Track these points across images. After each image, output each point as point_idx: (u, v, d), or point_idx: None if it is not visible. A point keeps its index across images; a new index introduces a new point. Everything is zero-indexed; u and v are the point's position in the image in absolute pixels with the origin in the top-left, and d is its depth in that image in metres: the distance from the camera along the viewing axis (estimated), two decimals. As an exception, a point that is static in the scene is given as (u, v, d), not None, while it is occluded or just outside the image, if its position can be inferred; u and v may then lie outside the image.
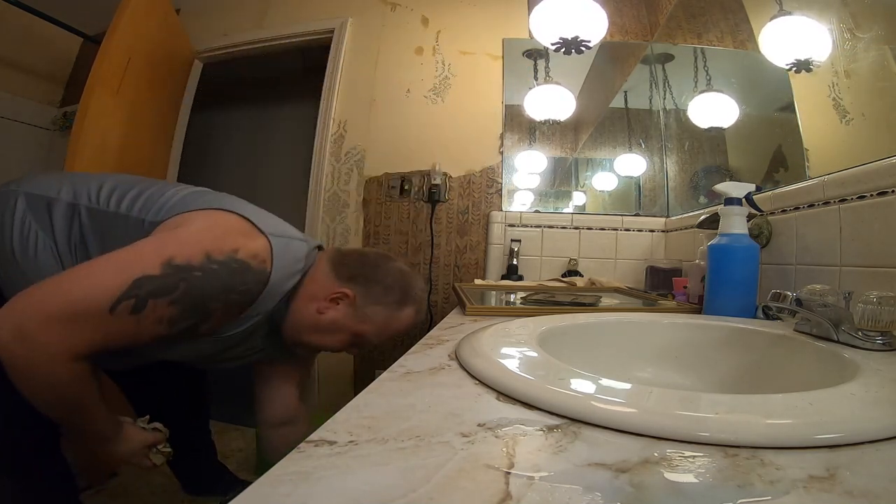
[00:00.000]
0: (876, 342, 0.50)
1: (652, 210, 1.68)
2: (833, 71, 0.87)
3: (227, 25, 2.07)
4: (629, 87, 1.79)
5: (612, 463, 0.25)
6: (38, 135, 2.32)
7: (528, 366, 0.42)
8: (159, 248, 0.68)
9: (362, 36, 1.87)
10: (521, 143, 1.77)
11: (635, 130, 1.78)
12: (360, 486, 0.23)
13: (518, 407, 0.34)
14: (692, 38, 1.47)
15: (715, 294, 0.78)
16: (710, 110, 1.36)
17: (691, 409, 0.31)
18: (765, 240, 0.90)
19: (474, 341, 0.49)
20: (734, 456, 0.26)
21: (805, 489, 0.23)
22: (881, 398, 0.34)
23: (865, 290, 0.53)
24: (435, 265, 1.74)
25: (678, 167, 1.60)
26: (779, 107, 1.08)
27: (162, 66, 1.87)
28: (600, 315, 0.73)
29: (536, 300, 1.00)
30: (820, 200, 0.78)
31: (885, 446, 0.28)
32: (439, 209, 1.75)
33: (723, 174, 1.34)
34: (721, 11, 1.30)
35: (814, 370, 0.52)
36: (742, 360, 0.61)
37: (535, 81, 1.73)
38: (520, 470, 0.24)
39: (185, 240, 0.70)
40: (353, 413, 0.32)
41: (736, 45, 1.26)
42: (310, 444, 0.27)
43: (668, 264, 1.32)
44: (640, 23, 1.79)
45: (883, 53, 0.77)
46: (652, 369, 0.64)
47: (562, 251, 1.62)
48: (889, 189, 0.65)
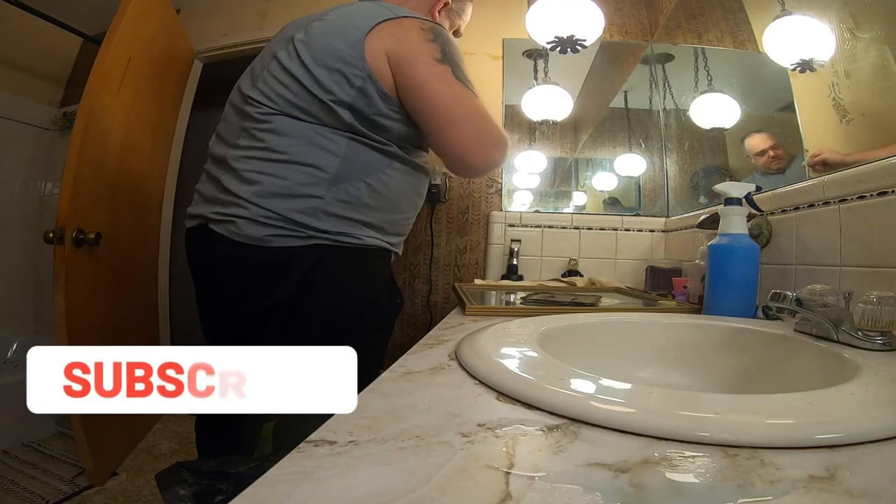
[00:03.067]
0: (876, 342, 0.50)
1: (652, 210, 1.68)
2: (833, 71, 0.87)
3: (227, 25, 2.07)
4: (629, 87, 1.79)
5: (612, 463, 0.25)
6: (38, 135, 2.32)
7: (528, 366, 0.42)
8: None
9: (362, 36, 1.87)
10: (521, 143, 1.77)
11: (635, 130, 1.78)
12: (360, 486, 0.23)
13: (518, 407, 0.34)
14: (692, 38, 1.47)
15: (715, 294, 0.78)
16: (713, 111, 1.36)
17: (691, 409, 0.31)
18: (765, 240, 0.90)
19: (474, 341, 0.49)
20: (734, 456, 0.26)
21: (805, 489, 0.23)
22: (881, 398, 0.34)
23: (865, 290, 0.53)
24: (435, 265, 1.74)
25: (678, 167, 1.60)
26: (779, 107, 1.08)
27: (162, 66, 1.87)
28: (600, 315, 0.73)
29: (536, 300, 1.00)
30: (820, 200, 0.78)
31: (885, 446, 0.28)
32: (439, 209, 1.75)
33: (723, 174, 1.34)
34: (721, 11, 1.30)
35: (814, 370, 0.52)
36: (742, 360, 0.61)
37: (535, 81, 1.73)
38: (520, 470, 0.24)
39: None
40: (353, 413, 0.32)
41: (736, 45, 1.26)
42: (310, 444, 0.27)
43: (668, 264, 1.32)
44: (640, 23, 1.79)
45: (883, 53, 0.77)
46: (652, 369, 0.64)
47: (562, 251, 1.62)
48: (889, 189, 0.65)
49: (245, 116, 0.85)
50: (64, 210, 1.39)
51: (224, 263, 0.85)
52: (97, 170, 1.54)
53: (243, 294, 0.85)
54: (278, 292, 0.82)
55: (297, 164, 0.81)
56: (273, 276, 0.82)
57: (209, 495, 0.79)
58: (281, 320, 0.83)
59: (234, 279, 0.85)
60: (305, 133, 0.82)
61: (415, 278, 1.75)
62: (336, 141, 0.82)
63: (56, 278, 1.37)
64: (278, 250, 0.80)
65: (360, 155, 0.84)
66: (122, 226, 1.71)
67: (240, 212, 0.80)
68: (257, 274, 0.83)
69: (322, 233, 0.81)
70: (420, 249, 1.75)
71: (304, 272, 0.82)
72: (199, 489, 0.80)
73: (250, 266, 0.82)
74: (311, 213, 0.80)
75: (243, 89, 0.89)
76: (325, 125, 0.82)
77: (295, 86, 0.82)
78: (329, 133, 0.82)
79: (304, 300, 0.83)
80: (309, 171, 0.81)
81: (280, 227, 0.80)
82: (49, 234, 1.37)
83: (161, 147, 2.02)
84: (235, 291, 0.86)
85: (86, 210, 1.47)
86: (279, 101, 0.83)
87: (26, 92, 2.26)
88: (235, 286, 0.86)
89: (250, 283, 0.84)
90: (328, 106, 0.81)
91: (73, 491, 1.42)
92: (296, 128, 0.82)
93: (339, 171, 0.82)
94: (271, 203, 0.80)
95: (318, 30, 0.84)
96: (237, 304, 0.87)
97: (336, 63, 0.81)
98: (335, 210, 0.82)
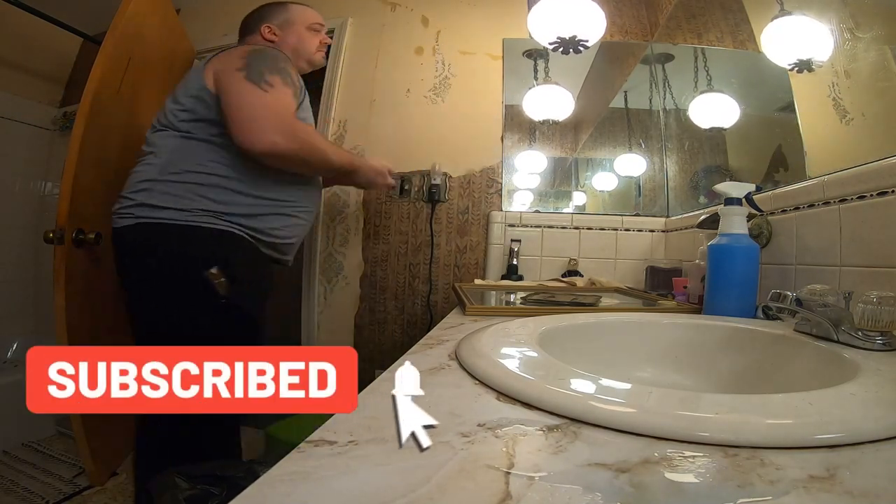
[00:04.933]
0: (876, 342, 0.50)
1: (652, 210, 1.68)
2: (833, 71, 0.87)
3: (227, 25, 2.06)
4: (629, 87, 1.79)
5: (612, 463, 0.25)
6: (39, 135, 2.32)
7: (528, 366, 0.42)
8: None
9: (362, 36, 1.87)
10: (521, 142, 1.77)
11: (635, 130, 1.78)
12: (360, 486, 0.23)
13: (518, 407, 0.34)
14: (692, 38, 1.47)
15: (715, 294, 0.78)
16: (712, 110, 1.36)
17: (691, 409, 0.31)
18: (765, 240, 0.90)
19: (474, 341, 0.49)
20: (734, 456, 0.26)
21: (805, 489, 0.23)
22: (881, 398, 0.34)
23: (865, 290, 0.53)
24: (435, 265, 1.74)
25: (678, 167, 1.60)
26: (779, 107, 1.08)
27: (162, 66, 1.87)
28: (600, 315, 0.73)
29: (537, 300, 1.00)
30: (820, 200, 0.78)
31: (885, 446, 0.28)
32: (439, 209, 1.75)
33: (723, 174, 1.34)
34: (721, 11, 1.30)
35: (814, 370, 0.52)
36: (742, 360, 0.61)
37: (536, 81, 1.73)
38: (520, 470, 0.24)
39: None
40: (353, 413, 0.32)
41: (736, 45, 1.26)
42: (310, 444, 0.27)
43: (668, 264, 1.32)
44: (640, 23, 1.79)
45: (883, 53, 0.77)
46: (652, 369, 0.64)
47: (562, 251, 1.62)
48: (889, 189, 0.65)
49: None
50: (64, 210, 1.39)
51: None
52: (97, 170, 1.54)
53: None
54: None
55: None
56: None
57: (203, 500, 0.80)
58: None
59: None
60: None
61: (415, 278, 1.75)
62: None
63: (56, 278, 1.37)
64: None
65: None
66: (122, 226, 1.71)
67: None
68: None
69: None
70: (420, 249, 1.75)
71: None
72: (193, 494, 0.80)
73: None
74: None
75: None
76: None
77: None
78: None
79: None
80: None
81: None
82: (49, 234, 1.37)
83: (161, 147, 2.01)
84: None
85: (86, 210, 1.47)
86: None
87: (26, 92, 2.26)
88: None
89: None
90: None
91: (73, 491, 1.42)
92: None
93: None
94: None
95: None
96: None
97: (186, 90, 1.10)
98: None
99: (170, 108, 1.10)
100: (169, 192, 1.03)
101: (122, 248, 1.09)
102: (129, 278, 1.10)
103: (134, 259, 1.07)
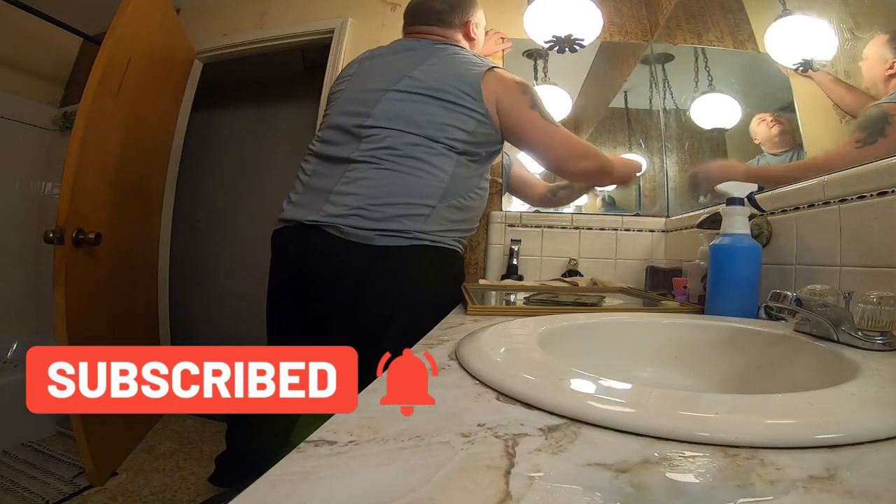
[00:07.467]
0: (876, 342, 0.50)
1: (652, 210, 1.68)
2: (833, 71, 0.87)
3: (227, 25, 2.07)
4: (629, 87, 1.79)
5: (612, 463, 0.25)
6: (38, 135, 2.32)
7: (528, 366, 0.42)
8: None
9: (362, 36, 1.87)
10: (521, 143, 1.77)
11: (635, 130, 1.78)
12: (360, 486, 0.23)
13: (518, 407, 0.34)
14: (692, 38, 1.47)
15: (717, 294, 0.78)
16: (713, 111, 1.36)
17: (691, 409, 0.31)
18: (765, 240, 0.90)
19: (474, 341, 0.49)
20: (734, 456, 0.26)
21: (805, 489, 0.23)
22: (881, 398, 0.34)
23: (865, 290, 0.53)
24: (435, 265, 1.73)
25: (678, 167, 1.60)
26: (779, 107, 1.08)
27: (162, 66, 1.87)
28: (601, 315, 0.72)
29: (539, 300, 1.00)
30: (820, 200, 0.78)
31: (885, 446, 0.28)
32: (439, 209, 1.75)
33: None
34: (721, 11, 1.30)
35: (814, 370, 0.52)
36: (742, 360, 0.61)
37: (535, 81, 1.73)
38: (520, 470, 0.24)
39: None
40: (353, 413, 0.32)
41: (736, 45, 1.26)
42: (310, 444, 0.27)
43: (668, 264, 1.32)
44: (640, 23, 1.79)
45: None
46: (652, 369, 0.64)
47: (562, 251, 1.62)
48: (889, 189, 0.65)
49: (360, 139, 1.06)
50: (64, 210, 1.39)
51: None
52: (97, 170, 1.55)
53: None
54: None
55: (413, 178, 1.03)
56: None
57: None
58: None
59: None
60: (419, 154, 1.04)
61: (415, 278, 1.75)
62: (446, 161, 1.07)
63: (56, 278, 1.37)
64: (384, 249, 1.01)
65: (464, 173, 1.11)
66: (122, 226, 1.71)
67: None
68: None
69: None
70: (420, 249, 1.75)
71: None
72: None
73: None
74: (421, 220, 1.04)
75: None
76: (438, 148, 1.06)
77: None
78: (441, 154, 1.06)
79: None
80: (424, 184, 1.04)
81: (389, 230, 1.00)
82: (49, 234, 1.37)
83: (161, 147, 2.02)
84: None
85: (86, 210, 1.47)
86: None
87: (26, 92, 2.26)
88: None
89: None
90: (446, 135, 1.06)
91: (73, 491, 1.42)
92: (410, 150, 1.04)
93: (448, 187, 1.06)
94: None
95: (431, 71, 1.08)
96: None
97: (456, 99, 1.05)
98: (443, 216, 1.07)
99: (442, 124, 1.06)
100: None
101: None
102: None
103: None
